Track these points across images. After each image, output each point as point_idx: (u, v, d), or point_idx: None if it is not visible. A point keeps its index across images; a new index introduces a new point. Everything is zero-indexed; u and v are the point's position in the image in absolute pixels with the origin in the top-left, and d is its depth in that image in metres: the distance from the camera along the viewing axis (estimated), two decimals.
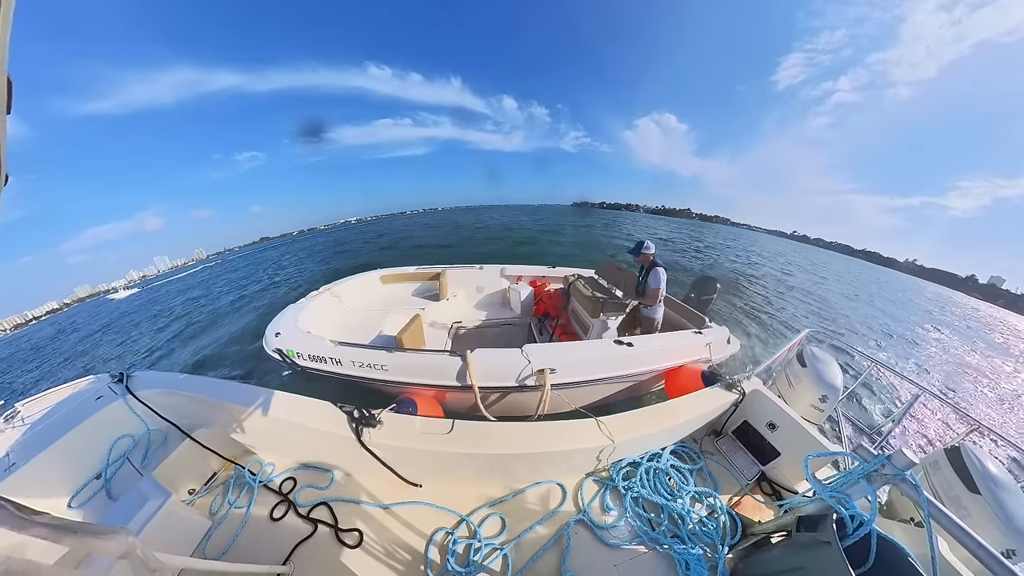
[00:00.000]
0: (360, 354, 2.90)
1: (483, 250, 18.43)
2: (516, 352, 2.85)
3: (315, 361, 2.97)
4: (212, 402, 1.87)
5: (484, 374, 2.73)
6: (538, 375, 2.77)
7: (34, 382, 11.09)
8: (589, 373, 3.00)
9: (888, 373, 2.66)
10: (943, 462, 1.81)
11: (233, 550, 1.47)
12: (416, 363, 2.85)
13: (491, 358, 2.82)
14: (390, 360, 2.84)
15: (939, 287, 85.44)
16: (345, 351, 2.91)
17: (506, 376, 2.78)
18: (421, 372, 2.82)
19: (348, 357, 2.89)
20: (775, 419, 2.03)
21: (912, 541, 1.26)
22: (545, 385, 2.72)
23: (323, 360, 2.94)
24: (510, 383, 2.79)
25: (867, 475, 1.08)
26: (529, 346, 2.92)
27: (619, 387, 3.32)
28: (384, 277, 5.35)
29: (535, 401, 2.74)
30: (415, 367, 2.84)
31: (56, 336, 19.81)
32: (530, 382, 2.78)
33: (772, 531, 1.44)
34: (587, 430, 1.83)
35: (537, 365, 2.77)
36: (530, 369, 2.77)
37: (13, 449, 1.59)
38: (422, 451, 1.70)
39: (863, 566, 1.02)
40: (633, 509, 1.72)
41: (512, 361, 2.79)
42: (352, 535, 1.55)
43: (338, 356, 2.90)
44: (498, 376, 2.78)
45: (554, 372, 2.80)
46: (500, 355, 2.85)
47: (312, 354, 2.96)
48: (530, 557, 1.49)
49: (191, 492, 1.70)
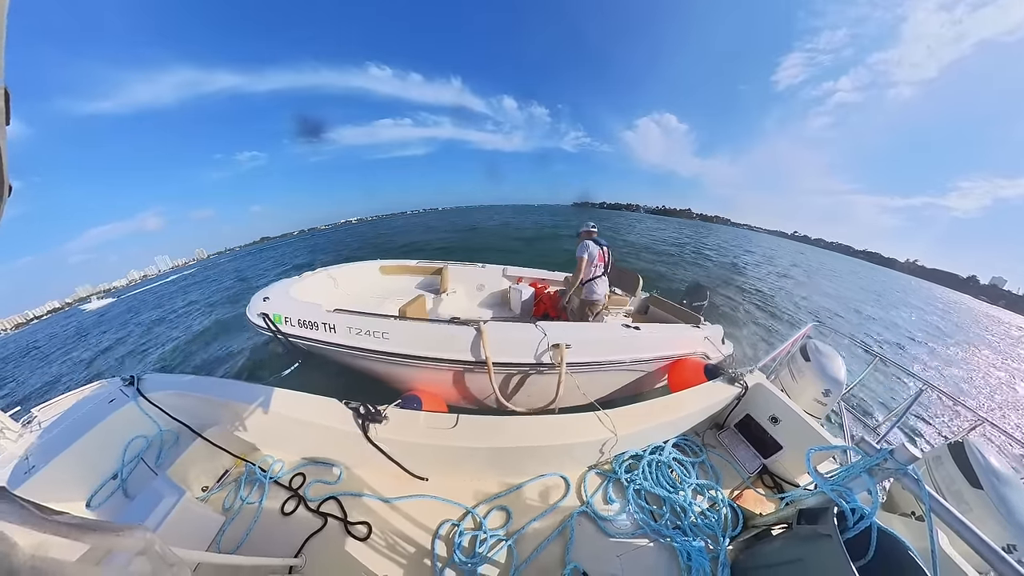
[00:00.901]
0: (359, 321, 2.65)
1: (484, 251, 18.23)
2: (530, 326, 2.72)
3: (305, 328, 2.71)
4: (221, 402, 1.91)
5: (498, 348, 2.54)
6: (554, 351, 2.63)
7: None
8: (601, 353, 2.93)
9: (892, 368, 2.65)
10: (946, 457, 1.81)
11: (247, 544, 1.52)
12: (423, 332, 2.62)
13: (505, 331, 2.66)
14: (393, 328, 2.60)
15: (944, 289, 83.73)
16: (341, 317, 2.68)
17: (521, 350, 2.61)
18: (428, 344, 2.59)
19: (345, 323, 2.65)
20: (777, 413, 2.04)
21: (913, 535, 1.28)
22: (562, 364, 2.57)
23: (315, 326, 2.69)
24: (526, 359, 2.62)
25: (869, 469, 1.08)
26: (543, 322, 2.82)
27: (628, 376, 3.31)
28: (384, 268, 5.26)
29: (549, 385, 2.59)
30: (421, 337, 2.61)
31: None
32: (546, 359, 2.64)
33: (773, 523, 1.46)
34: (590, 423, 1.85)
35: (553, 339, 2.65)
36: (546, 343, 2.63)
37: (32, 453, 1.63)
38: (427, 445, 1.73)
39: (863, 559, 1.03)
40: (636, 501, 1.74)
41: (527, 335, 2.65)
42: (361, 528, 1.59)
43: (333, 322, 2.66)
44: (513, 351, 2.59)
45: (570, 347, 2.65)
46: (515, 328, 2.71)
47: (303, 319, 2.72)
48: (534, 548, 1.52)
49: (204, 489, 1.75)
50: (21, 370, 12.15)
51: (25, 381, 10.34)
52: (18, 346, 18.83)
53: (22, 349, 17.14)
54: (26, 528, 0.61)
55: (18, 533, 0.60)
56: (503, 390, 2.70)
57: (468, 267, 5.40)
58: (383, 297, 4.32)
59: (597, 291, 3.74)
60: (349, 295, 4.42)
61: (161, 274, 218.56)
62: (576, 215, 77.41)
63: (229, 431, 1.89)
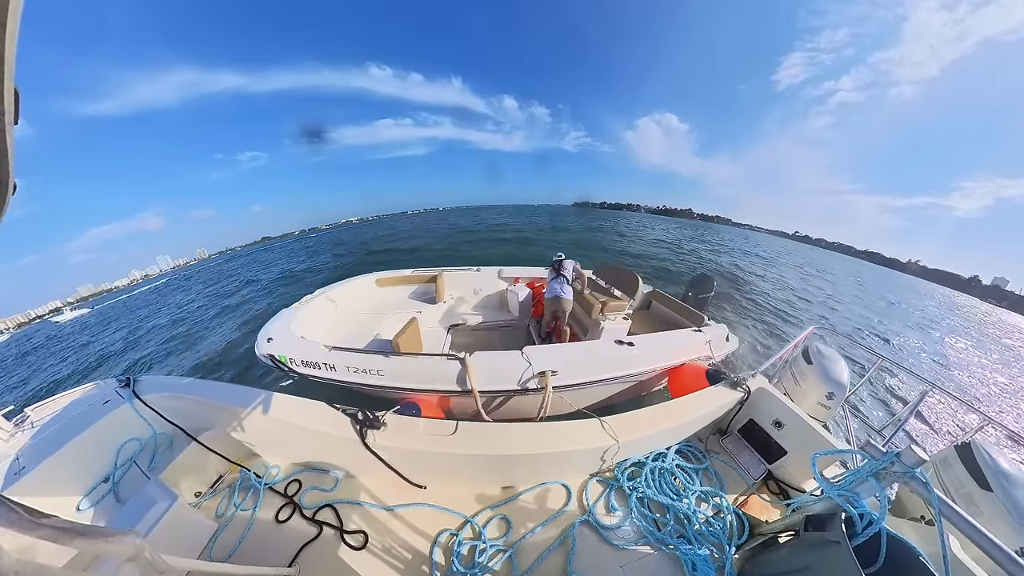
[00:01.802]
0: (355, 359, 2.83)
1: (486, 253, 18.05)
2: (516, 355, 2.82)
3: (309, 367, 2.89)
4: (217, 405, 1.89)
5: (484, 378, 2.70)
6: (539, 378, 2.74)
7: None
8: (591, 374, 2.98)
9: (896, 369, 2.63)
10: (954, 459, 1.78)
11: (240, 552, 1.48)
12: (413, 368, 2.80)
13: (491, 361, 2.78)
14: (386, 365, 2.79)
15: (946, 289, 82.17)
16: (339, 356, 2.85)
17: (507, 379, 2.74)
18: (419, 377, 2.78)
19: (343, 363, 2.83)
20: (781, 417, 2.01)
21: (923, 540, 1.25)
22: (547, 388, 2.69)
23: (317, 366, 2.87)
24: (511, 387, 2.75)
25: (876, 473, 1.07)
26: (529, 348, 2.89)
27: (621, 387, 3.30)
28: (379, 280, 5.31)
29: (536, 404, 2.71)
30: (412, 372, 2.79)
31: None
32: (531, 385, 2.75)
33: (780, 531, 1.43)
34: (591, 430, 1.82)
35: (538, 367, 2.75)
36: (531, 371, 2.74)
37: (23, 453, 1.61)
38: (426, 453, 1.70)
39: (873, 566, 1.01)
40: (638, 509, 1.71)
41: (512, 364, 2.76)
42: (357, 537, 1.55)
43: (332, 362, 2.83)
44: (498, 380, 2.74)
45: (555, 374, 2.77)
46: (500, 358, 2.82)
47: (305, 360, 2.88)
48: (535, 559, 1.49)
49: (197, 495, 1.72)
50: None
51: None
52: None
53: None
54: (12, 531, 0.59)
55: (4, 536, 0.58)
56: (490, 412, 2.84)
57: (463, 272, 5.43)
58: (381, 313, 4.38)
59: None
60: (348, 313, 4.50)
61: (160, 274, 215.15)
62: (576, 215, 77.37)
63: (224, 435, 1.86)
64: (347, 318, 4.37)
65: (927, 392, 2.38)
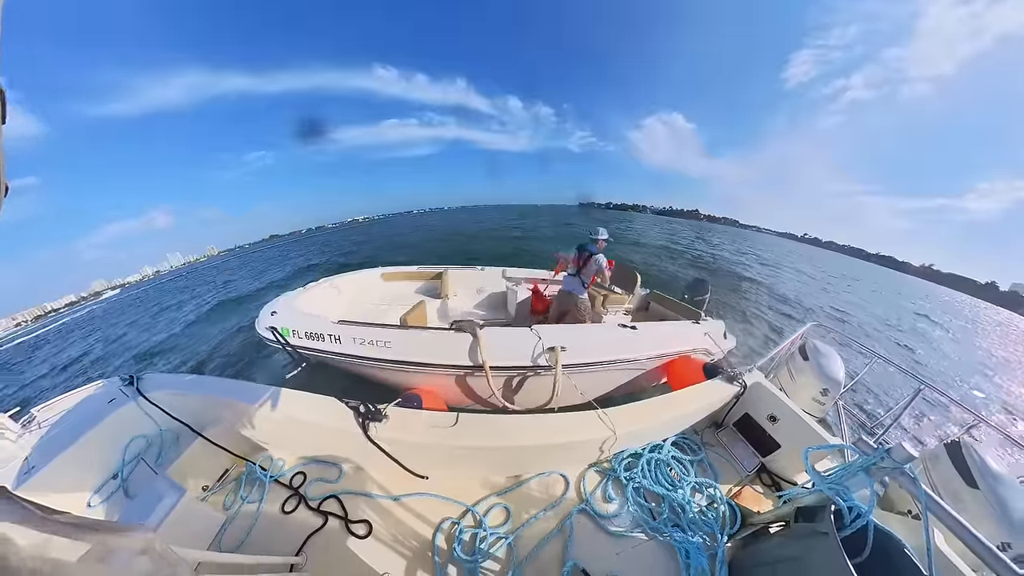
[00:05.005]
0: (362, 331, 2.77)
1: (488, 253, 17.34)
2: (525, 330, 2.81)
3: (312, 339, 2.82)
4: (221, 401, 1.91)
5: (495, 352, 2.65)
6: (549, 353, 2.72)
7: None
8: (597, 354, 2.98)
9: (890, 367, 2.66)
10: (943, 456, 1.82)
11: (247, 543, 1.52)
12: (423, 340, 2.74)
13: (501, 335, 2.76)
14: (395, 337, 2.73)
15: (965, 296, 78.13)
16: (346, 329, 2.79)
17: (517, 354, 2.70)
18: (428, 350, 2.72)
19: (349, 335, 2.77)
20: (776, 412, 2.05)
21: (909, 533, 1.29)
22: (557, 365, 2.66)
23: (321, 338, 2.80)
24: (522, 362, 2.72)
25: (866, 468, 1.09)
26: (538, 325, 2.89)
27: (626, 375, 3.33)
28: (386, 275, 5.36)
29: (547, 386, 2.68)
30: (422, 344, 2.73)
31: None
32: (542, 361, 2.73)
33: (771, 521, 1.47)
34: (590, 422, 1.86)
35: (548, 343, 2.74)
36: (541, 346, 2.72)
37: (32, 453, 1.63)
38: (428, 444, 1.73)
39: (859, 556, 1.04)
40: (635, 499, 1.75)
41: (523, 339, 2.73)
42: (361, 526, 1.60)
43: (338, 333, 2.78)
44: (509, 355, 2.70)
45: (564, 350, 2.74)
46: (510, 333, 2.80)
47: (309, 331, 2.82)
48: (534, 545, 1.53)
49: (205, 488, 1.75)
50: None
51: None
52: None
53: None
54: (26, 527, 0.61)
55: (18, 533, 0.60)
56: (502, 391, 2.77)
57: (468, 270, 5.47)
58: (386, 304, 4.40)
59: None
60: (353, 303, 4.49)
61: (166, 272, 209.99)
62: (581, 216, 75.56)
63: (229, 430, 1.89)
64: (351, 306, 4.38)
65: (920, 390, 2.41)
